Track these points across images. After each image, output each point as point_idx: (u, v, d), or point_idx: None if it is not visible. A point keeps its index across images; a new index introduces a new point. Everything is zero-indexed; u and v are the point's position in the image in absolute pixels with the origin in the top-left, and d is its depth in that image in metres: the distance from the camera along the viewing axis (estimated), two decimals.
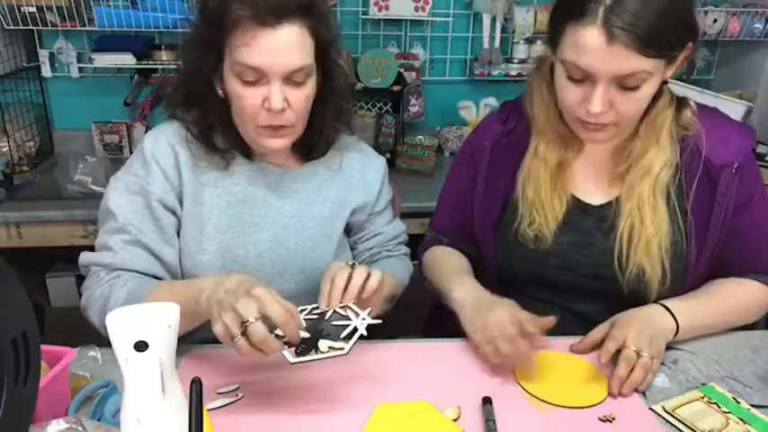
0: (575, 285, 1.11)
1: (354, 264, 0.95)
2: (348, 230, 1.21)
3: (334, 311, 0.92)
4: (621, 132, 1.03)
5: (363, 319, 0.89)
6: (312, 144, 1.13)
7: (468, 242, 1.21)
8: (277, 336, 0.82)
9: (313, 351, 0.84)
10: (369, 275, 0.93)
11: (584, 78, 0.95)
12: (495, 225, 1.15)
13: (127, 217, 1.04)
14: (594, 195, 1.11)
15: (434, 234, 1.27)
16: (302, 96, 1.01)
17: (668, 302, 1.04)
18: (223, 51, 1.00)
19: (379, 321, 0.89)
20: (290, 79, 0.99)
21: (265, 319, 0.80)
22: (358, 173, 1.19)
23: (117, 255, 1.02)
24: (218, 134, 1.08)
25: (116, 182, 1.08)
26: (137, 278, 1.01)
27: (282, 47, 0.96)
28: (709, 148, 1.04)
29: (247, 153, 1.11)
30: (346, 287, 0.92)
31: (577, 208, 1.11)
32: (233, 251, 1.08)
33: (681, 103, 1.07)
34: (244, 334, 0.80)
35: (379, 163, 1.23)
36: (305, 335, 0.85)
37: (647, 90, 0.96)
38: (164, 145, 1.07)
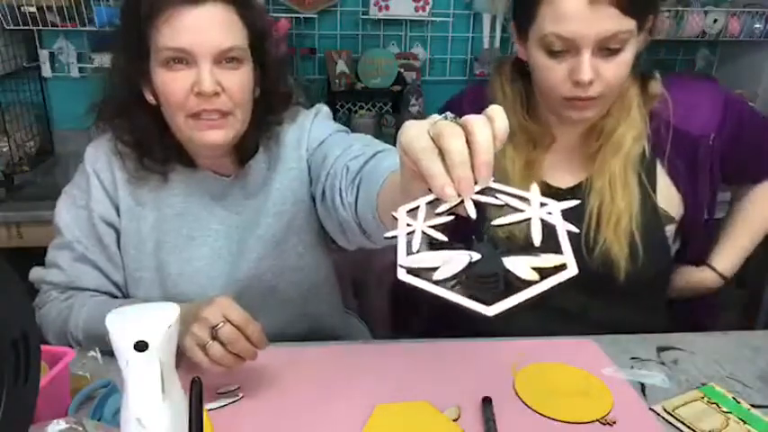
0: None
1: (453, 116, 0.56)
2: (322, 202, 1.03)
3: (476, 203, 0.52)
4: (606, 105, 1.02)
5: (544, 205, 0.51)
6: (248, 145, 1.02)
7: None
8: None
9: (504, 283, 0.46)
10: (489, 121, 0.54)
11: (567, 49, 0.95)
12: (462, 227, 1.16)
13: (73, 233, 1.02)
14: (564, 179, 1.11)
15: None
16: (237, 81, 0.92)
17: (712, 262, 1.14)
18: (148, 44, 0.91)
19: (576, 202, 0.53)
20: (222, 62, 0.91)
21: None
22: (291, 143, 1.06)
23: (66, 273, 1.01)
24: (155, 145, 0.99)
25: (65, 195, 1.06)
26: (94, 297, 0.99)
27: (208, 24, 0.89)
28: (679, 118, 1.05)
29: (188, 162, 1.02)
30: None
31: (549, 193, 1.08)
32: (167, 268, 1.03)
33: (646, 75, 1.08)
34: (215, 339, 0.81)
35: (307, 117, 1.07)
36: (461, 259, 0.48)
37: (628, 54, 0.96)
38: (103, 158, 1.03)
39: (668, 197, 1.08)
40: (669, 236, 1.10)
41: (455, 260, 0.47)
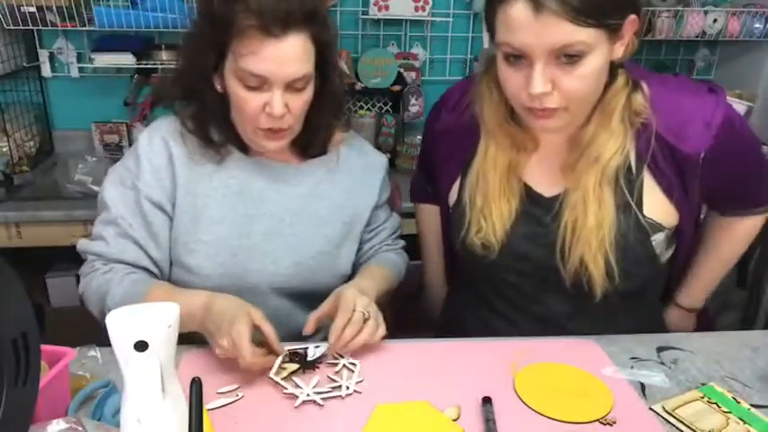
0: (528, 277, 1.08)
1: (369, 317, 0.98)
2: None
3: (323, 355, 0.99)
4: (575, 117, 0.96)
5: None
6: (309, 141, 1.14)
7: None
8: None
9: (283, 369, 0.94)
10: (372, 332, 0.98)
11: (521, 57, 0.89)
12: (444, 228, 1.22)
13: (119, 210, 1.07)
14: (547, 186, 1.07)
15: None
16: (301, 101, 1.03)
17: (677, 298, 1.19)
18: (225, 53, 1.00)
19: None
20: (291, 86, 1.00)
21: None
22: (357, 173, 1.20)
23: (109, 246, 1.06)
24: (215, 128, 1.09)
25: (112, 174, 1.11)
26: (132, 274, 1.05)
27: (287, 57, 0.97)
28: (668, 131, 0.98)
29: (243, 148, 1.12)
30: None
31: (529, 198, 1.07)
32: (226, 241, 1.09)
33: (634, 85, 1.00)
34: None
35: (379, 163, 1.25)
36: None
37: (590, 66, 0.89)
38: (158, 141, 1.09)
39: (657, 206, 1.02)
40: (657, 244, 1.03)
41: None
